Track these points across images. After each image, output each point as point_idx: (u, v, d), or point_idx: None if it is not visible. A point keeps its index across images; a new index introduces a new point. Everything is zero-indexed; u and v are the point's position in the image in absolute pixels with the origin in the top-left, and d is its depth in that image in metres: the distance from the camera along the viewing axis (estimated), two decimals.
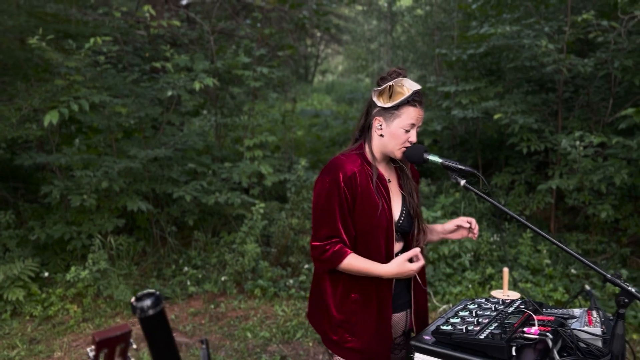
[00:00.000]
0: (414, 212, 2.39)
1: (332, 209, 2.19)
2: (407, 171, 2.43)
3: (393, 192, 2.37)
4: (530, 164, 6.58)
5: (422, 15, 12.52)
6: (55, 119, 4.30)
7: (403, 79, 2.22)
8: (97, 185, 4.77)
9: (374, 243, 2.28)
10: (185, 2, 9.03)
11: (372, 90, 2.27)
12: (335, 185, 2.19)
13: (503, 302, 2.29)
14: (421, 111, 2.23)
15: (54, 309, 4.81)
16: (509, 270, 2.56)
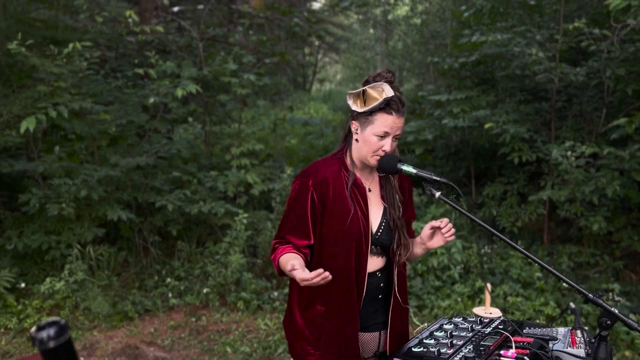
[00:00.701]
0: (394, 224, 2.27)
1: (292, 211, 2.15)
2: (393, 181, 2.30)
3: (373, 202, 2.25)
4: (522, 175, 6.47)
5: (417, 24, 12.47)
6: (32, 126, 4.19)
7: (384, 84, 2.10)
8: (75, 194, 4.65)
9: (343, 252, 2.16)
10: (176, 9, 8.95)
11: (347, 92, 2.16)
12: (304, 189, 2.12)
13: (481, 321, 2.17)
14: (397, 119, 2.11)
15: (29, 321, 4.67)
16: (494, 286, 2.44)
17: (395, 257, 2.27)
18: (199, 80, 6.41)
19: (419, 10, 13.12)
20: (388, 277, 2.30)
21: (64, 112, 4.38)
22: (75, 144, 5.52)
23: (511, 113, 5.99)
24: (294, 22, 7.62)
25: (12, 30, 4.93)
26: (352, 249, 2.15)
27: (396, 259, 2.27)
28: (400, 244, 2.27)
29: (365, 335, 2.30)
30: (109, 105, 5.49)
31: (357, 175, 2.21)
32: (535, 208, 5.84)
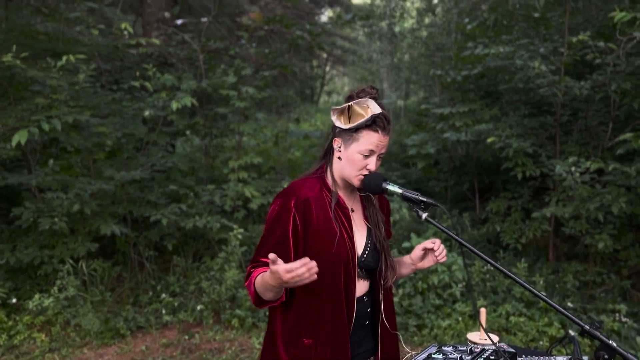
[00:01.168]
0: (380, 245, 2.16)
1: (271, 234, 1.98)
2: (374, 201, 2.20)
3: (357, 223, 2.14)
4: (527, 190, 6.32)
5: (423, 36, 12.41)
6: (24, 139, 4.13)
7: (368, 100, 2.00)
8: (68, 208, 4.57)
9: (331, 277, 2.03)
10: (180, 22, 8.94)
11: (331, 108, 2.06)
12: (285, 210, 1.97)
13: (472, 351, 2.04)
14: (383, 137, 2.00)
15: (19, 337, 4.58)
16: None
17: (381, 281, 2.16)
18: (198, 93, 6.36)
19: (426, 22, 13.07)
20: (374, 302, 2.19)
21: (57, 125, 4.32)
22: (73, 156, 5.46)
23: (515, 127, 5.86)
24: (296, 34, 7.56)
25: (11, 42, 4.89)
26: (340, 274, 2.03)
27: (382, 282, 2.16)
28: (387, 266, 2.16)
29: None
30: (106, 118, 5.43)
31: (339, 195, 2.10)
32: (540, 224, 5.69)
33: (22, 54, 4.48)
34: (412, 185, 8.49)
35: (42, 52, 6.21)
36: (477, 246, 6.03)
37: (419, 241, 5.29)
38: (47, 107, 5.00)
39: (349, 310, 2.06)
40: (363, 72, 19.71)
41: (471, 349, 2.04)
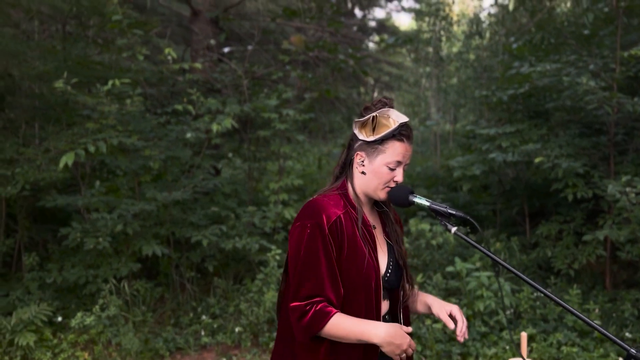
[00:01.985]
0: (403, 262, 2.07)
1: (316, 261, 1.84)
2: (392, 216, 2.12)
3: (379, 241, 2.06)
4: (580, 213, 6.02)
5: (470, 59, 12.26)
6: (71, 161, 4.28)
7: (389, 109, 1.95)
8: (112, 228, 4.68)
9: (362, 300, 1.94)
10: (227, 50, 9.17)
11: (354, 121, 2.01)
12: (319, 232, 1.85)
13: None
14: (409, 147, 1.94)
15: (63, 355, 4.66)
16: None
17: (402, 297, 2.08)
18: (242, 117, 6.45)
19: (473, 45, 12.93)
20: (393, 320, 2.09)
21: (102, 148, 4.46)
22: (121, 179, 5.61)
23: (565, 147, 5.63)
24: (339, 58, 7.60)
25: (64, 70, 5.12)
26: (371, 295, 1.95)
27: (402, 299, 2.08)
28: (408, 281, 2.08)
29: None
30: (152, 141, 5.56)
31: (364, 213, 2.02)
32: (594, 249, 5.38)
33: (72, 80, 4.68)
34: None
35: (95, 80, 6.49)
36: (526, 272, 5.77)
37: (463, 266, 5.10)
38: (96, 132, 5.18)
39: None
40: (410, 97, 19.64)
41: None
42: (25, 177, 4.99)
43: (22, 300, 5.14)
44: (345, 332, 1.83)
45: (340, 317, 1.84)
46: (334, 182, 2.09)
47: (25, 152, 5.01)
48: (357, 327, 1.83)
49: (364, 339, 1.82)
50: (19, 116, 5.90)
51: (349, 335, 1.83)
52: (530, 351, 4.52)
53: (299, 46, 6.28)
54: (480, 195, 8.44)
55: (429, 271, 5.64)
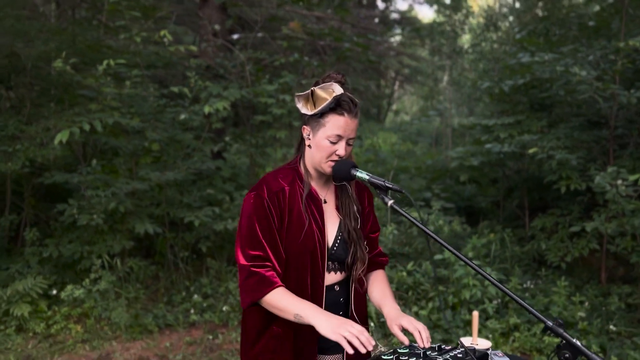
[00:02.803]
0: (349, 237, 2.11)
1: (258, 228, 1.93)
2: (350, 191, 2.15)
3: (329, 214, 2.10)
4: (578, 207, 5.97)
5: (485, 51, 12.13)
6: (65, 138, 4.40)
7: (333, 84, 1.98)
8: (105, 206, 4.80)
9: (297, 269, 2.01)
10: (236, 37, 9.23)
11: (295, 95, 2.05)
12: (260, 202, 1.94)
13: (440, 348, 1.94)
14: (350, 121, 1.97)
15: (56, 327, 4.81)
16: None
17: (350, 272, 2.12)
18: (244, 102, 6.51)
19: (490, 37, 12.78)
20: (348, 293, 2.14)
21: (97, 126, 4.57)
22: (119, 159, 5.73)
23: (563, 139, 5.58)
24: (345, 47, 7.60)
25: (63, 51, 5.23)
26: (307, 265, 2.00)
27: (352, 273, 2.11)
28: (356, 258, 2.10)
29: (326, 358, 2.13)
30: (150, 123, 5.65)
31: (312, 186, 2.07)
32: (588, 243, 5.34)
33: (71, 60, 4.79)
34: (464, 201, 8.24)
35: (97, 62, 6.61)
36: (518, 264, 5.75)
37: (452, 255, 5.10)
38: (98, 112, 5.28)
39: (316, 301, 2.02)
40: (427, 90, 19.52)
41: (439, 346, 1.93)
42: (25, 154, 5.14)
43: (22, 273, 5.30)
44: (283, 307, 1.86)
45: (283, 291, 1.89)
46: (294, 156, 2.15)
47: (26, 129, 5.15)
48: (298, 308, 1.83)
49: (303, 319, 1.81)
50: (25, 95, 6.06)
51: (287, 310, 1.86)
52: (513, 341, 4.52)
53: (297, 32, 6.30)
54: (487, 188, 8.39)
55: (421, 259, 5.65)
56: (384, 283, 2.16)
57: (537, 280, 5.37)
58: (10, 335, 4.71)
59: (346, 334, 1.70)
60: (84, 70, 5.95)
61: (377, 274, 2.20)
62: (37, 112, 5.78)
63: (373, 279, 2.18)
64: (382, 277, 2.19)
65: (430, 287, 5.16)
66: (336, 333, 1.71)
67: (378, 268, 2.22)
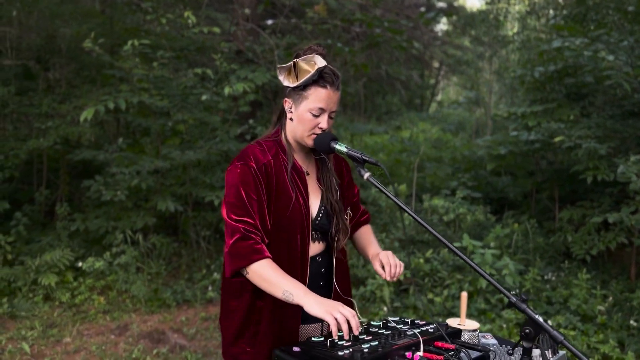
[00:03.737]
0: (331, 208, 2.12)
1: (245, 197, 1.90)
2: (329, 164, 2.16)
3: (312, 187, 2.12)
4: (608, 199, 5.75)
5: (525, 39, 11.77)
6: (90, 116, 4.55)
7: (315, 56, 1.98)
8: (129, 183, 4.95)
9: (286, 241, 2.02)
10: (270, 22, 9.28)
11: (277, 67, 2.06)
12: (248, 171, 1.93)
13: (413, 322, 1.93)
14: (333, 94, 1.96)
15: (81, 297, 5.02)
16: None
17: (333, 242, 2.13)
18: (271, 86, 6.56)
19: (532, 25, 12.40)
20: (329, 263, 2.15)
21: (121, 104, 4.71)
22: (145, 139, 5.90)
23: (594, 128, 5.38)
24: (376, 32, 7.53)
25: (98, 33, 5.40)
26: (295, 238, 2.02)
27: (335, 244, 2.13)
28: (338, 229, 2.12)
29: (307, 327, 2.15)
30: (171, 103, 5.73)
31: (295, 159, 2.08)
32: (615, 236, 5.15)
33: (99, 40, 4.94)
34: (497, 192, 8.06)
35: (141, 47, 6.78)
36: (543, 256, 5.61)
37: (470, 243, 5.03)
38: (128, 92, 5.44)
39: (302, 271, 2.05)
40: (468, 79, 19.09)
41: (413, 321, 1.93)
42: (57, 132, 5.35)
43: (52, 246, 5.55)
44: (269, 279, 1.82)
45: (273, 264, 1.86)
46: (271, 130, 2.16)
47: (58, 108, 5.36)
48: (284, 284, 1.81)
49: (291, 296, 1.78)
50: (61, 76, 6.30)
51: (273, 284, 1.82)
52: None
53: (323, 15, 6.28)
54: (522, 180, 8.16)
55: (440, 247, 5.59)
56: (367, 233, 2.26)
57: (559, 273, 5.22)
58: (37, 303, 4.95)
59: (338, 316, 1.68)
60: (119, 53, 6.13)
61: (363, 228, 2.29)
62: (70, 92, 6.01)
63: (359, 233, 2.27)
64: (367, 229, 2.29)
65: (448, 275, 5.11)
66: (328, 313, 1.69)
67: (363, 225, 2.30)
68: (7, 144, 5.55)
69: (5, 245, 5.32)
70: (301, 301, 1.75)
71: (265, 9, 8.12)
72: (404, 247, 5.44)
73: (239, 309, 2.04)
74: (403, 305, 4.86)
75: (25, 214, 5.90)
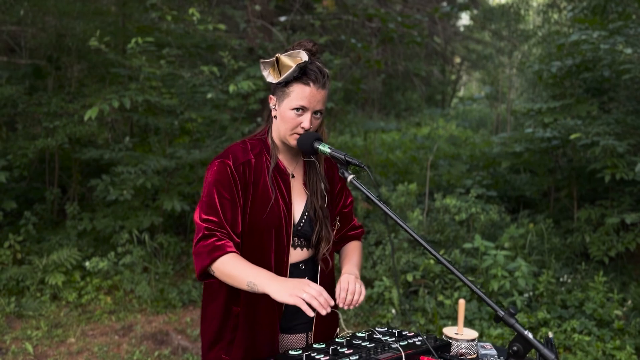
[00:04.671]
0: (315, 214, 2.01)
1: (217, 196, 1.85)
2: (318, 167, 2.05)
3: (296, 190, 2.02)
4: (629, 198, 5.53)
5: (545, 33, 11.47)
6: (95, 115, 4.52)
7: (301, 52, 1.88)
8: (134, 182, 4.92)
9: (260, 245, 1.93)
10: (283, 19, 9.20)
11: (260, 61, 1.97)
12: (224, 170, 1.87)
13: (400, 334, 1.82)
14: (317, 91, 1.86)
15: (87, 297, 5.01)
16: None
17: (317, 252, 2.03)
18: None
19: (553, 19, 12.07)
20: (315, 272, 2.05)
21: (126, 103, 4.67)
22: (152, 137, 5.86)
23: (614, 125, 5.17)
24: (390, 27, 7.38)
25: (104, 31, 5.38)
26: (271, 241, 1.92)
27: (318, 253, 2.02)
28: (321, 237, 2.01)
29: (290, 338, 2.05)
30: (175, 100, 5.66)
31: (279, 159, 1.98)
32: (635, 237, 4.95)
33: (105, 39, 4.91)
34: (515, 191, 7.85)
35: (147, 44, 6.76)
36: (559, 257, 5.42)
37: (482, 244, 4.87)
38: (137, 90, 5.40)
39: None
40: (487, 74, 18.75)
41: (400, 332, 1.82)
42: (64, 130, 5.34)
43: (62, 245, 5.55)
44: (234, 273, 1.75)
45: (235, 257, 1.79)
46: (260, 129, 2.08)
47: (66, 107, 5.35)
48: (249, 274, 1.74)
49: (256, 286, 1.71)
50: (71, 75, 6.31)
51: (238, 277, 1.76)
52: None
53: (331, 9, 6.16)
54: (542, 178, 7.92)
55: (453, 247, 5.44)
56: (353, 251, 2.11)
57: (575, 275, 5.04)
58: (45, 303, 4.95)
59: (304, 296, 1.61)
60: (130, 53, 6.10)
61: (351, 245, 2.15)
62: (80, 91, 6.00)
63: (346, 249, 2.13)
64: (353, 245, 2.14)
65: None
66: (293, 295, 1.62)
67: (352, 240, 2.16)
68: (17, 143, 5.57)
69: (15, 244, 5.34)
70: (265, 289, 1.68)
71: (277, 4, 8.04)
72: (414, 247, 5.31)
73: (216, 314, 1.97)
74: (412, 307, 4.73)
75: (36, 212, 5.92)
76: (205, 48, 7.17)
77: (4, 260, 5.26)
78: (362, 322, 4.60)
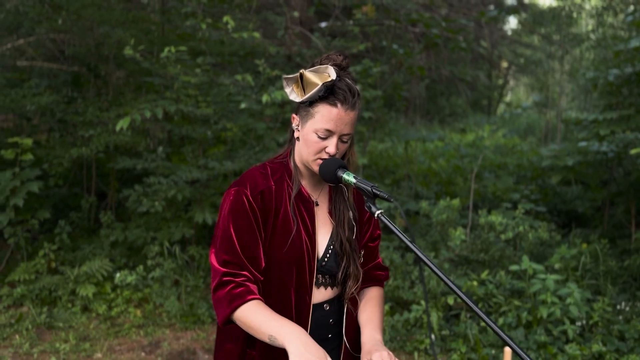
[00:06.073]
0: (341, 249, 1.78)
1: (234, 230, 1.66)
2: (346, 193, 1.82)
3: (321, 219, 1.79)
4: None
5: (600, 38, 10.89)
6: (126, 125, 4.43)
7: (329, 67, 1.65)
8: (166, 193, 4.81)
9: (279, 282, 1.73)
10: (323, 25, 9.01)
11: (283, 77, 1.76)
12: (240, 200, 1.68)
13: None
14: (344, 114, 1.63)
15: (117, 309, 4.92)
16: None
17: (345, 291, 1.80)
18: None
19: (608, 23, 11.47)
20: (340, 314, 1.82)
21: (158, 113, 4.57)
22: (187, 147, 5.76)
23: None
24: (433, 33, 7.09)
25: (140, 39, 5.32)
26: (291, 279, 1.71)
27: (345, 292, 1.79)
28: (348, 273, 1.78)
29: None
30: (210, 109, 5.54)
31: (302, 185, 1.77)
32: None
33: (139, 47, 4.83)
34: (566, 204, 7.39)
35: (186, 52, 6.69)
36: (616, 280, 5.00)
37: (529, 265, 4.52)
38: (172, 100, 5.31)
39: (300, 320, 1.73)
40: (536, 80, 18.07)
41: None
42: (99, 140, 5.30)
43: (95, 254, 5.51)
44: (256, 325, 1.59)
45: (258, 306, 1.62)
46: (285, 148, 1.87)
47: (100, 116, 5.31)
48: (272, 322, 1.57)
49: (277, 341, 1.54)
50: (109, 83, 6.29)
51: (259, 329, 1.58)
52: None
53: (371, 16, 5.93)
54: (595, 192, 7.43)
55: (498, 268, 5.10)
56: (375, 305, 1.83)
57: (635, 302, 4.61)
58: (75, 314, 4.89)
59: None
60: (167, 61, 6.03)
61: (372, 292, 1.87)
62: (117, 100, 5.97)
63: (365, 297, 1.86)
64: (375, 295, 1.86)
65: (505, 301, 4.62)
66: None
67: (374, 284, 1.89)
68: (53, 152, 5.57)
69: (50, 253, 5.32)
70: (285, 345, 1.50)
71: (317, 10, 7.86)
72: (455, 266, 5.00)
73: (233, 354, 1.78)
74: (452, 333, 4.42)
75: (72, 221, 5.91)
76: (243, 56, 7.06)
77: (39, 269, 5.24)
78: (399, 348, 4.33)
